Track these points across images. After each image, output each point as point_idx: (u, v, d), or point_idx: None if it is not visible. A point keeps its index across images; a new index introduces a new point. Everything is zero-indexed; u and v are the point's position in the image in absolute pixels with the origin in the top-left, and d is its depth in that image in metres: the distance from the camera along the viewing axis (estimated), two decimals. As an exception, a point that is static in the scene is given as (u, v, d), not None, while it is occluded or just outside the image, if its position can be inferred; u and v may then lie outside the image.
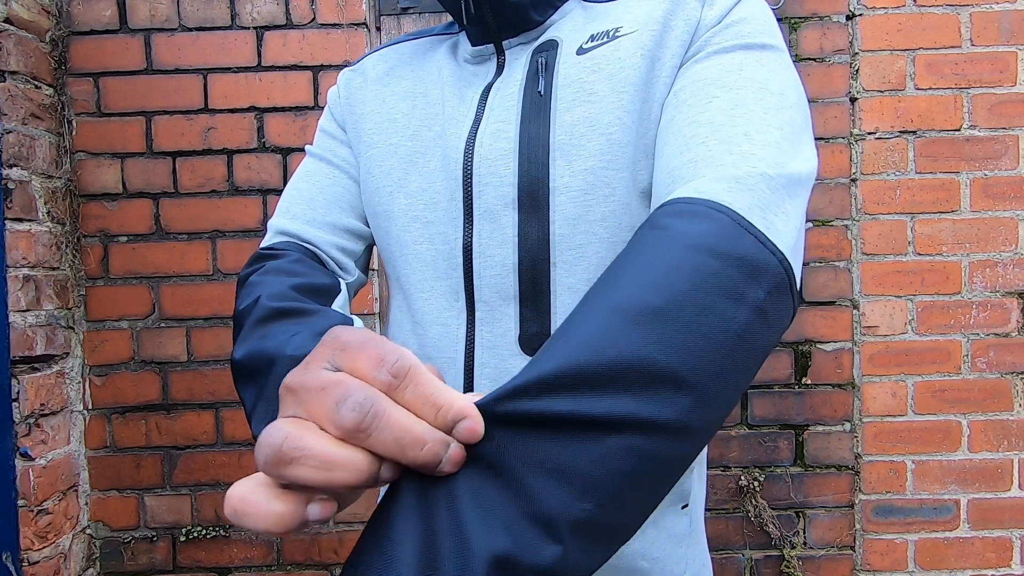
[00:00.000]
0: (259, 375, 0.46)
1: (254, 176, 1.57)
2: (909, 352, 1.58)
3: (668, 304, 0.34)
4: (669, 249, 0.37)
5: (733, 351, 0.35)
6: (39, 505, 1.41)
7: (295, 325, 0.48)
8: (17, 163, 1.40)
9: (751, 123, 0.45)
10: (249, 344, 0.49)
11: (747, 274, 0.37)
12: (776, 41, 0.51)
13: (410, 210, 0.60)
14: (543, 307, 0.55)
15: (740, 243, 0.38)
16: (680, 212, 0.40)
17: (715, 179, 0.42)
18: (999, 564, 1.59)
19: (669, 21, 0.53)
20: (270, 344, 0.47)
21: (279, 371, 0.43)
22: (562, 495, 0.29)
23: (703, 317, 0.34)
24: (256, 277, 0.59)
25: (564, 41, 0.57)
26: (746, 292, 0.36)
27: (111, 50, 1.55)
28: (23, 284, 1.40)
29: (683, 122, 0.48)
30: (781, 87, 0.48)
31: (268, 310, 0.51)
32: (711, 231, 0.38)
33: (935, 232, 1.57)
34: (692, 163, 0.45)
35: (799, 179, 0.45)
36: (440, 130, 0.60)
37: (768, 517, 1.58)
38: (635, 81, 0.53)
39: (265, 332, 0.49)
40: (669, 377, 0.32)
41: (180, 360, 1.58)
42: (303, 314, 0.50)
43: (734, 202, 0.40)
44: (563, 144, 0.54)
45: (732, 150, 0.44)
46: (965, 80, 1.56)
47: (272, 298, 0.53)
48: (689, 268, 0.35)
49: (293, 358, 0.43)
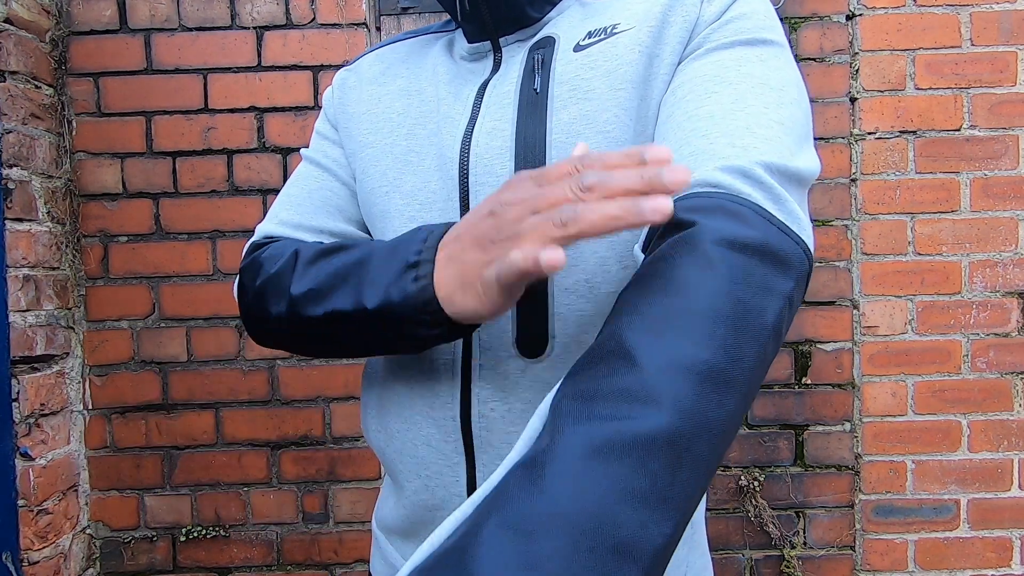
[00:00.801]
0: (349, 277, 0.50)
1: (254, 176, 1.57)
2: (909, 352, 1.58)
3: (710, 302, 0.35)
4: (699, 247, 0.37)
5: (767, 346, 0.36)
6: (39, 505, 1.41)
7: (355, 251, 0.51)
8: (17, 163, 1.40)
9: (752, 116, 0.45)
10: (315, 271, 0.52)
11: (777, 267, 0.38)
12: (777, 36, 0.51)
13: (406, 210, 0.59)
14: (540, 309, 0.54)
15: (767, 236, 0.39)
16: (702, 207, 0.40)
17: (723, 169, 0.42)
18: (999, 564, 1.59)
19: (668, 17, 0.52)
20: (347, 257, 0.51)
21: (378, 258, 0.49)
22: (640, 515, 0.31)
23: (744, 313, 0.35)
24: (268, 253, 0.60)
25: (561, 38, 0.57)
26: (777, 285, 0.37)
27: (111, 50, 1.55)
28: (23, 284, 1.40)
29: (682, 117, 0.48)
30: (781, 83, 0.48)
31: (317, 251, 0.54)
32: (737, 226, 0.38)
33: (935, 232, 1.57)
34: (693, 155, 0.45)
35: (800, 176, 0.45)
36: (435, 128, 0.59)
37: (768, 517, 1.58)
38: (632, 78, 0.52)
39: (328, 261, 0.52)
40: (720, 375, 0.34)
41: (180, 360, 1.58)
42: (355, 246, 0.53)
43: (751, 194, 0.41)
44: (560, 142, 0.53)
45: (734, 143, 0.44)
46: (965, 80, 1.56)
47: (311, 247, 0.55)
48: (723, 266, 0.36)
49: (386, 247, 0.48)
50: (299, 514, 1.59)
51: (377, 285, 0.48)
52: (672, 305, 0.36)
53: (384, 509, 0.67)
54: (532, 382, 0.54)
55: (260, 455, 1.58)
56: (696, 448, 0.33)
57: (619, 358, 0.35)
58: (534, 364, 0.54)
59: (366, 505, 1.59)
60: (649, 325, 0.36)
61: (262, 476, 1.58)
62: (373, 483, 1.59)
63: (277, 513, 1.59)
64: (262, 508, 1.59)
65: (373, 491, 1.59)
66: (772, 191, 0.42)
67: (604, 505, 0.30)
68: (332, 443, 1.58)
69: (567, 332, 0.54)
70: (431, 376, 0.58)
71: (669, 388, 0.34)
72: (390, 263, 0.48)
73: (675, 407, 0.33)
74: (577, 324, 0.54)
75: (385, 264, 0.48)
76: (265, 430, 1.58)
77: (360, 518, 1.58)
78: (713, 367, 0.34)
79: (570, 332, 0.54)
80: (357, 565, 1.58)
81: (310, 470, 1.58)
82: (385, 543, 0.66)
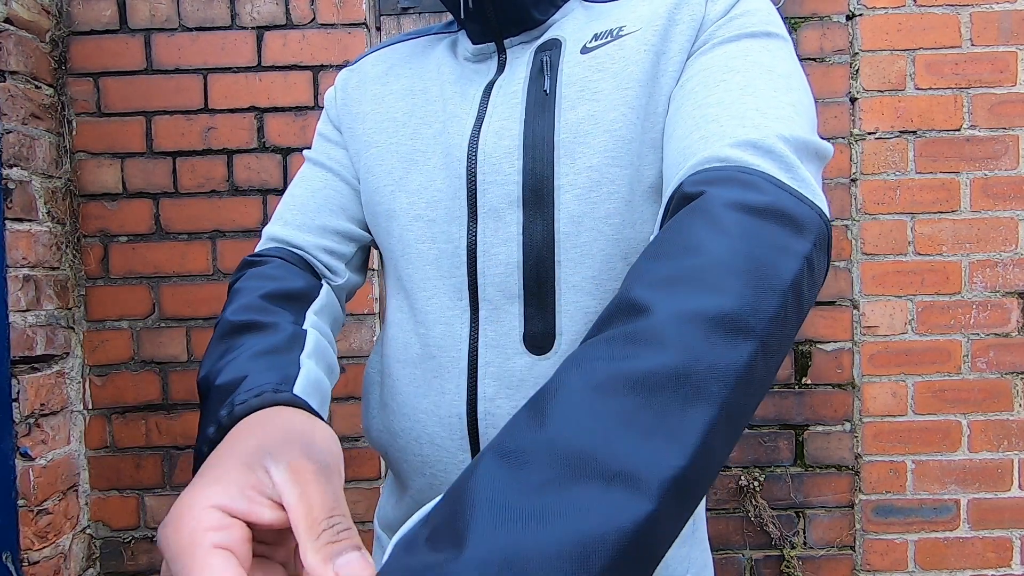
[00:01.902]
0: (201, 399, 0.48)
1: (254, 176, 1.57)
2: (909, 352, 1.58)
3: (723, 258, 0.35)
4: (710, 211, 0.37)
5: (787, 301, 0.36)
6: (39, 505, 1.41)
7: (242, 346, 0.49)
8: (17, 163, 1.40)
9: (761, 99, 0.45)
10: (206, 364, 0.51)
11: (791, 228, 0.38)
12: (780, 31, 0.52)
13: (412, 209, 0.60)
14: (548, 305, 0.55)
15: (779, 200, 0.39)
16: (712, 179, 0.41)
17: (733, 145, 0.42)
18: (999, 564, 1.59)
19: (674, 16, 0.53)
20: (214, 369, 0.48)
21: (212, 400, 0.45)
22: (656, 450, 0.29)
23: (758, 268, 0.35)
24: (239, 284, 0.60)
25: (567, 40, 0.57)
26: (792, 245, 0.37)
27: (111, 50, 1.55)
28: (23, 284, 1.39)
29: (691, 106, 0.49)
30: (788, 71, 0.49)
31: (228, 325, 0.53)
32: (747, 192, 0.38)
33: (935, 232, 1.57)
34: (704, 139, 0.45)
35: (816, 148, 0.45)
36: (441, 128, 0.60)
37: (768, 517, 1.58)
38: (639, 77, 0.53)
39: (221, 350, 0.51)
40: (733, 321, 0.33)
41: (180, 360, 1.58)
42: (256, 329, 0.52)
43: (760, 164, 0.41)
44: (567, 142, 0.54)
45: (744, 123, 0.44)
46: (965, 80, 1.56)
47: (235, 311, 0.54)
48: (736, 228, 0.36)
49: (219, 389, 0.44)
50: (299, 514, 1.58)
51: (199, 433, 0.45)
52: (683, 263, 0.36)
53: (386, 507, 0.67)
54: (539, 379, 0.55)
55: (260, 455, 1.58)
56: (709, 389, 0.32)
57: (627, 312, 0.35)
58: (541, 361, 0.55)
59: (366, 505, 1.58)
60: (659, 283, 0.35)
61: (262, 476, 1.58)
62: (373, 483, 1.59)
63: (277, 513, 1.58)
64: (262, 508, 1.58)
65: (373, 491, 1.59)
66: (783, 160, 0.42)
67: (606, 434, 0.29)
68: (332, 443, 1.58)
69: (574, 329, 0.55)
70: (436, 374, 0.58)
71: (676, 331, 0.33)
72: (205, 421, 0.45)
73: (682, 347, 0.32)
74: (584, 321, 0.54)
75: (205, 417, 0.45)
76: (265, 430, 1.58)
77: (360, 518, 1.58)
78: (725, 312, 0.33)
79: (577, 329, 0.55)
80: (357, 565, 1.58)
81: (310, 470, 1.58)
82: (387, 541, 0.66)
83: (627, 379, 0.31)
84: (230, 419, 0.39)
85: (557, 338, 0.55)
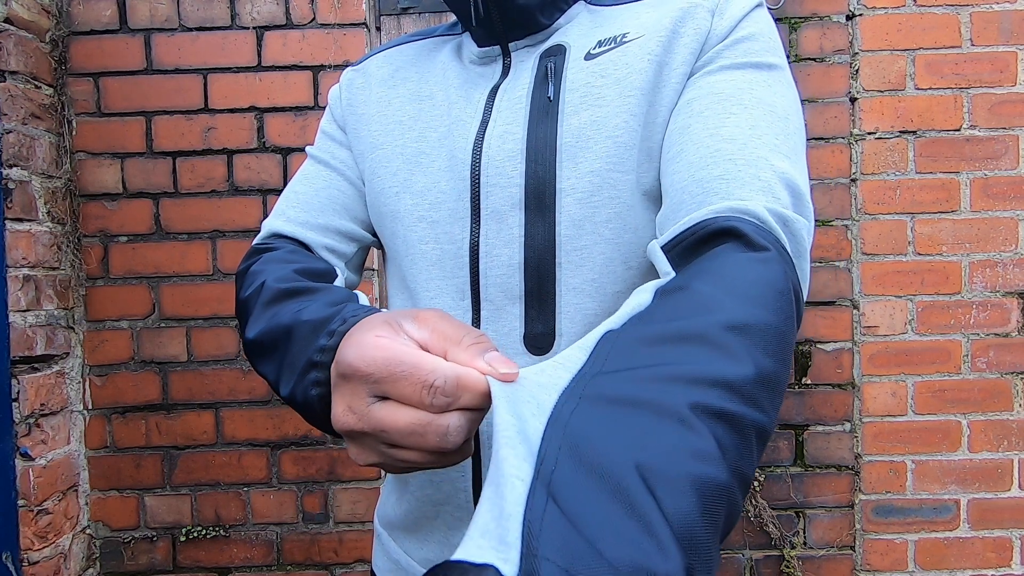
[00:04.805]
0: (278, 346, 0.50)
1: (254, 176, 1.57)
2: (909, 352, 1.58)
3: (773, 326, 0.40)
4: (757, 283, 0.42)
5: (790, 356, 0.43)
6: (39, 505, 1.41)
7: (305, 300, 0.52)
8: (17, 163, 1.40)
9: (768, 147, 0.49)
10: (262, 323, 0.53)
11: (795, 303, 0.44)
12: (780, 60, 0.54)
13: (416, 210, 0.60)
14: (548, 307, 0.56)
15: (792, 281, 0.44)
16: (744, 232, 0.44)
17: (765, 209, 0.46)
18: (999, 564, 1.59)
19: (679, 28, 0.54)
20: (284, 318, 0.51)
21: (299, 335, 0.48)
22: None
23: (785, 337, 0.41)
24: (257, 267, 0.61)
25: (572, 46, 0.58)
26: (795, 315, 0.43)
27: (111, 50, 1.56)
28: (23, 284, 1.40)
29: (703, 132, 0.50)
30: (786, 110, 0.52)
31: (276, 291, 0.55)
32: (779, 274, 0.43)
33: (935, 232, 1.57)
34: (723, 179, 0.47)
35: (806, 199, 0.50)
36: (446, 131, 0.60)
37: (768, 517, 1.58)
38: (642, 86, 0.54)
39: (276, 310, 0.53)
40: (782, 385, 0.39)
41: (180, 360, 1.58)
42: (310, 292, 0.54)
43: (781, 238, 0.45)
44: (570, 147, 0.55)
45: (760, 175, 0.47)
46: (965, 80, 1.56)
47: (278, 280, 0.56)
48: (774, 301, 0.41)
49: (310, 323, 0.48)
50: (299, 514, 1.59)
51: (291, 371, 0.48)
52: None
53: (387, 506, 0.67)
54: None
55: (260, 455, 1.58)
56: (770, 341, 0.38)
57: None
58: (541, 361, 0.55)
59: (366, 505, 1.59)
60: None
61: (262, 476, 1.58)
62: (373, 483, 1.59)
63: (277, 513, 1.59)
64: (262, 508, 1.59)
65: (373, 491, 1.59)
66: (798, 245, 0.47)
67: (693, 377, 0.34)
68: (332, 443, 1.58)
69: (574, 330, 0.55)
70: None
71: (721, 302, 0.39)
72: (304, 348, 0.47)
73: (727, 312, 0.38)
74: (583, 322, 0.55)
75: (302, 347, 0.48)
76: (265, 430, 1.58)
77: (360, 518, 1.58)
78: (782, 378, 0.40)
79: (577, 330, 0.55)
80: (357, 565, 1.58)
81: (310, 470, 1.58)
82: (388, 539, 0.67)
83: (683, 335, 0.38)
84: (345, 327, 0.44)
85: (557, 339, 0.55)
